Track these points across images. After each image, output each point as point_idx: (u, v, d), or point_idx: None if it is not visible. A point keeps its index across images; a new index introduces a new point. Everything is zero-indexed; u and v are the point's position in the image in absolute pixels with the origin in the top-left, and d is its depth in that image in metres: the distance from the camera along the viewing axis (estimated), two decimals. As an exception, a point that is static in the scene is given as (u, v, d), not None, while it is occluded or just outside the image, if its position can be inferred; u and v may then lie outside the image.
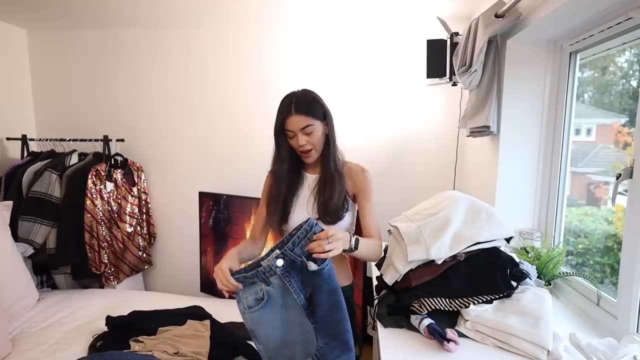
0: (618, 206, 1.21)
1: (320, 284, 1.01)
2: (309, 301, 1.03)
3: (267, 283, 1.03)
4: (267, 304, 1.03)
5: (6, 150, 2.50)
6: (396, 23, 2.33)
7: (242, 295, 1.04)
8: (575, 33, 1.37)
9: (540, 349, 0.90)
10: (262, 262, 1.04)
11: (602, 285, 1.23)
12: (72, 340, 1.71)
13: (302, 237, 1.02)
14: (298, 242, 1.02)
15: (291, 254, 1.02)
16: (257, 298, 1.03)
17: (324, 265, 1.01)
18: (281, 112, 1.21)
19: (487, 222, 1.12)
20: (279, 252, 1.02)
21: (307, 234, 1.02)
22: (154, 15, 2.33)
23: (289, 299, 1.03)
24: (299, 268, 1.02)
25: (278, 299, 1.03)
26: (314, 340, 1.03)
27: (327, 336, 1.02)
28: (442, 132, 2.38)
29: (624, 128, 1.27)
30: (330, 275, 1.02)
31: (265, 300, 1.02)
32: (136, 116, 2.63)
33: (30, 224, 2.13)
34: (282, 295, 1.03)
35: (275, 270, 1.02)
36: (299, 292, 1.03)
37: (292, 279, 1.03)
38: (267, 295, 1.02)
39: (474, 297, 1.03)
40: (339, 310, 1.03)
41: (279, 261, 1.01)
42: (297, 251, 1.02)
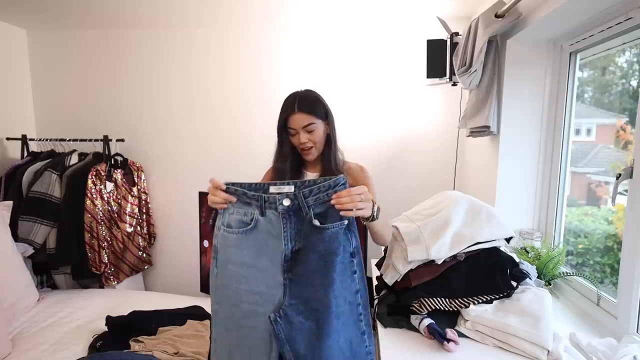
0: (618, 206, 1.21)
1: (315, 243, 0.88)
2: (292, 255, 0.90)
3: (262, 213, 0.91)
4: (250, 232, 0.91)
5: (6, 150, 2.50)
6: (396, 23, 2.33)
7: (228, 209, 0.93)
8: (575, 33, 1.37)
9: (540, 349, 0.90)
10: (270, 188, 0.92)
11: (602, 285, 1.23)
12: (72, 340, 1.71)
13: (322, 190, 0.90)
14: (316, 192, 0.90)
15: (302, 200, 0.90)
16: (243, 221, 0.92)
17: (334, 226, 0.88)
18: (284, 110, 1.23)
19: (487, 222, 1.12)
20: (291, 192, 0.90)
21: (328, 188, 0.90)
22: (154, 16, 2.33)
23: (274, 241, 0.91)
24: (301, 218, 0.90)
25: (263, 234, 0.91)
26: (279, 297, 0.88)
27: (297, 298, 0.87)
28: (442, 132, 2.38)
29: (627, 126, 1.27)
30: (334, 238, 0.88)
31: (250, 227, 0.91)
32: (136, 116, 2.63)
33: (30, 224, 2.13)
34: (269, 234, 0.91)
35: (277, 206, 0.90)
36: (289, 240, 0.90)
37: (289, 223, 0.90)
38: (255, 223, 0.91)
39: (474, 297, 1.03)
40: (327, 279, 0.86)
41: (286, 201, 0.90)
42: (309, 200, 0.90)
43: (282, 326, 0.85)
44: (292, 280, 0.88)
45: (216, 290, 0.95)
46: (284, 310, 0.86)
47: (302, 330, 0.85)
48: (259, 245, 0.91)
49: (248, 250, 0.91)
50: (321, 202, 0.90)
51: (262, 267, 0.91)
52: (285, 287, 0.89)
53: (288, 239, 0.90)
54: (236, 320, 0.92)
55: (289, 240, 0.90)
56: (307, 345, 0.85)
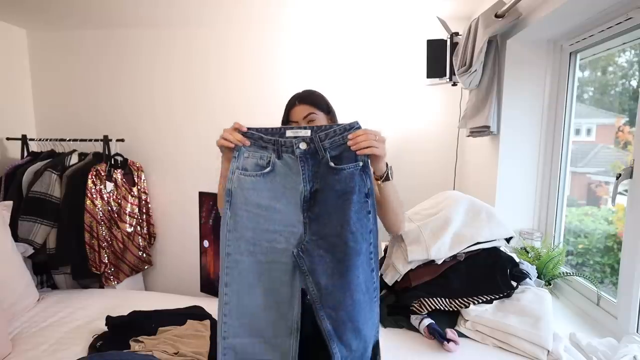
0: (618, 206, 1.21)
1: (332, 183, 0.91)
2: (311, 195, 0.93)
3: (279, 156, 0.94)
4: (267, 175, 0.93)
5: (6, 150, 2.50)
6: (396, 23, 2.33)
7: (242, 152, 0.94)
8: (575, 33, 1.37)
9: (540, 349, 0.90)
10: (287, 133, 0.93)
11: (602, 285, 1.23)
12: (72, 340, 1.71)
13: (338, 133, 0.92)
14: (331, 136, 0.92)
15: (319, 143, 0.92)
16: (259, 164, 0.94)
17: (349, 167, 0.90)
18: (287, 107, 1.26)
19: (487, 222, 1.12)
20: (308, 136, 0.93)
21: (344, 131, 0.92)
22: (154, 16, 2.33)
23: (292, 183, 0.93)
24: (318, 160, 0.93)
25: (281, 177, 0.93)
26: (301, 233, 0.92)
27: (317, 235, 0.91)
28: (442, 132, 2.38)
29: (625, 127, 1.27)
30: (350, 178, 0.90)
31: (267, 170, 0.93)
32: (137, 116, 2.63)
33: (30, 224, 2.13)
34: (287, 176, 0.93)
35: (294, 149, 0.93)
36: (307, 181, 0.93)
37: (307, 166, 0.93)
38: (272, 166, 0.93)
39: (474, 297, 1.03)
40: (344, 217, 0.89)
41: (303, 144, 0.93)
42: (325, 144, 0.92)
43: (305, 259, 0.89)
44: (312, 219, 0.92)
45: (228, 233, 0.95)
46: (305, 246, 0.90)
47: (323, 263, 0.89)
48: (277, 187, 0.93)
49: (266, 192, 0.93)
50: (337, 145, 0.92)
51: (281, 208, 0.93)
52: (305, 225, 0.92)
53: (307, 180, 0.93)
54: (256, 257, 0.93)
55: (307, 181, 0.93)
56: (329, 276, 0.89)
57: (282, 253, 0.92)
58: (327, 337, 0.88)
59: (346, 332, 0.88)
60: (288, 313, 0.92)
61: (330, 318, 0.88)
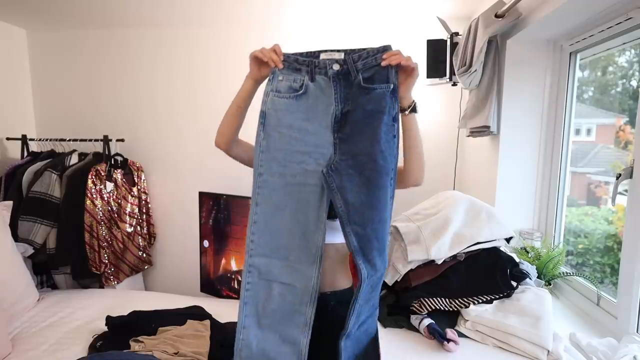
0: (618, 206, 1.21)
1: (363, 103, 0.93)
2: (342, 116, 0.95)
3: (312, 79, 0.97)
4: (300, 97, 0.96)
5: (6, 150, 2.50)
6: (396, 23, 2.33)
7: (277, 74, 0.98)
8: (575, 33, 1.37)
9: (540, 349, 0.90)
10: (320, 55, 0.98)
11: (602, 285, 1.23)
12: (72, 340, 1.71)
13: (371, 54, 0.95)
14: (364, 57, 0.95)
15: (352, 65, 0.95)
16: (292, 87, 0.97)
17: (381, 87, 0.93)
18: None
19: (487, 222, 1.12)
20: (341, 58, 0.96)
21: (377, 53, 0.94)
22: (155, 15, 2.33)
23: (323, 104, 0.96)
24: (350, 81, 0.96)
25: (314, 99, 0.96)
26: (330, 154, 0.94)
27: (347, 154, 0.93)
28: (442, 132, 2.38)
29: (626, 126, 1.27)
30: (381, 98, 0.92)
31: (300, 93, 0.96)
32: (137, 116, 2.63)
33: (30, 224, 2.13)
34: (319, 98, 0.96)
35: (327, 70, 0.96)
36: (339, 102, 0.96)
37: (339, 87, 0.96)
38: (305, 88, 0.96)
39: (474, 297, 1.03)
40: (374, 136, 0.91)
41: (336, 65, 0.96)
42: (358, 65, 0.95)
43: (334, 178, 0.91)
44: (342, 139, 0.94)
45: (261, 154, 0.97)
46: (335, 165, 0.93)
47: (352, 181, 0.91)
48: (309, 109, 0.96)
49: (298, 114, 0.95)
50: (369, 66, 0.94)
51: (312, 130, 0.95)
52: (335, 146, 0.94)
53: (338, 101, 0.95)
54: (286, 179, 0.96)
55: (339, 102, 0.95)
56: (357, 193, 0.90)
57: (311, 175, 0.94)
58: (353, 252, 0.90)
59: (372, 251, 0.90)
60: (313, 238, 0.94)
61: (357, 235, 0.89)
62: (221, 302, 2.18)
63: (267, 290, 0.95)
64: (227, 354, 1.63)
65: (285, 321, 0.95)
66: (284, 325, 0.95)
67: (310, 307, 0.94)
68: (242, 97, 1.10)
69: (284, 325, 0.95)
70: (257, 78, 1.05)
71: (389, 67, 0.92)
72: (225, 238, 2.49)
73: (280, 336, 0.95)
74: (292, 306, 0.95)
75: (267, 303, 0.95)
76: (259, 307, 0.95)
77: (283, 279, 0.95)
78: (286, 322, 0.95)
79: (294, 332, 0.94)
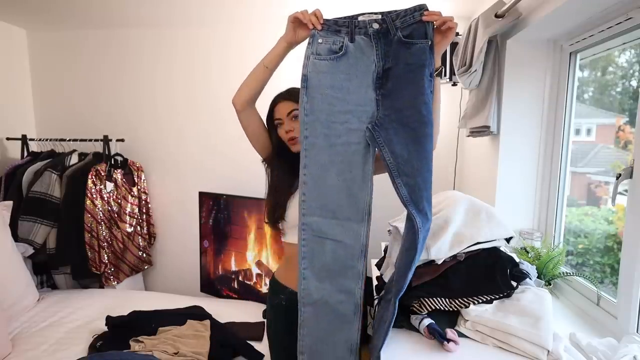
0: (618, 206, 1.21)
1: (405, 57, 0.94)
2: (384, 72, 0.97)
3: (352, 39, 0.97)
4: (340, 58, 0.97)
5: (6, 150, 2.51)
6: (396, 23, 2.33)
7: (317, 37, 0.97)
8: (575, 33, 1.37)
9: (540, 349, 0.90)
10: (359, 16, 0.97)
11: (602, 285, 1.23)
12: (72, 340, 1.71)
13: (408, 13, 0.95)
14: (403, 16, 0.95)
15: (391, 23, 0.96)
16: (332, 49, 0.97)
17: (421, 42, 0.93)
18: (271, 105, 1.30)
19: (487, 222, 1.12)
20: (380, 17, 0.96)
21: (414, 11, 0.95)
22: (156, 15, 2.33)
23: (364, 64, 0.97)
24: (390, 39, 0.96)
25: (354, 59, 0.97)
26: (373, 111, 0.96)
27: (390, 109, 0.95)
28: (442, 132, 2.37)
29: (625, 126, 1.27)
30: (422, 51, 0.92)
31: (340, 54, 0.96)
32: (137, 116, 2.63)
33: (30, 224, 2.13)
34: (359, 58, 0.97)
35: (368, 29, 0.97)
36: (380, 58, 0.97)
37: (380, 44, 0.97)
38: (345, 49, 0.96)
39: (474, 297, 1.03)
40: (417, 88, 0.92)
41: (375, 24, 0.96)
42: (397, 23, 0.95)
43: (380, 132, 0.94)
44: (385, 95, 0.96)
45: (305, 117, 0.99)
46: (379, 121, 0.95)
47: (399, 134, 0.93)
48: (350, 69, 0.97)
49: (340, 74, 0.96)
50: (407, 24, 0.95)
51: (353, 89, 0.96)
52: (378, 102, 0.96)
53: (380, 57, 0.96)
54: (330, 140, 0.97)
55: (380, 58, 0.96)
56: (404, 145, 0.92)
57: (354, 134, 0.96)
58: (405, 202, 0.91)
59: (422, 201, 0.91)
60: (359, 195, 0.98)
61: (408, 185, 0.91)
62: (221, 302, 2.19)
63: (320, 246, 1.00)
64: (227, 354, 1.64)
65: (339, 274, 1.00)
66: (338, 277, 1.00)
67: (362, 260, 1.00)
68: (271, 58, 1.09)
69: (338, 277, 1.00)
70: (292, 41, 1.04)
71: (427, 24, 0.93)
72: (225, 238, 2.49)
73: (336, 286, 1.01)
74: (344, 260, 1.00)
75: (322, 257, 1.01)
76: (315, 261, 1.01)
77: (334, 236, 1.00)
78: (340, 274, 1.00)
79: (348, 283, 1.00)
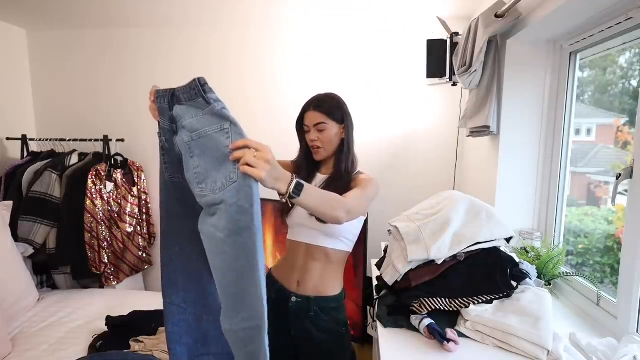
0: (618, 206, 1.21)
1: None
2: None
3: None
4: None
5: (6, 150, 2.50)
6: (396, 23, 2.33)
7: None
8: (575, 33, 1.37)
9: (540, 349, 0.90)
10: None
11: (602, 285, 1.23)
12: (72, 340, 1.71)
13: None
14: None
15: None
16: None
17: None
18: (303, 107, 1.30)
19: (487, 222, 1.12)
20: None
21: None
22: (155, 15, 2.33)
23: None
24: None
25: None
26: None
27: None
28: (442, 132, 2.38)
29: (624, 127, 1.27)
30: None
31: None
32: (137, 116, 2.63)
33: (30, 224, 2.13)
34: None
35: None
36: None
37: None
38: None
39: (474, 297, 1.03)
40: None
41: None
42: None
43: None
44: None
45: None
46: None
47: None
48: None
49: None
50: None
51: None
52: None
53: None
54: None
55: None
56: None
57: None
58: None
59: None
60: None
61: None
62: (221, 302, 2.17)
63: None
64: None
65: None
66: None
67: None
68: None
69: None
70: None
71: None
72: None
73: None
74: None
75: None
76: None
77: None
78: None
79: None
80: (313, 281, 1.26)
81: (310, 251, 1.27)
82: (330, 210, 0.98)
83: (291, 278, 1.29)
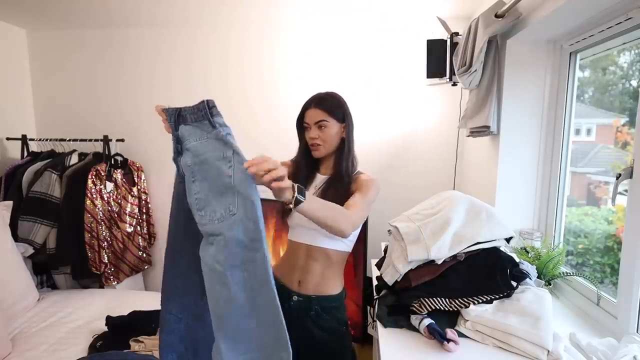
0: (618, 206, 1.21)
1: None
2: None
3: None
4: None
5: (6, 150, 2.50)
6: (396, 23, 2.33)
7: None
8: (575, 33, 1.37)
9: (540, 349, 0.90)
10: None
11: (602, 285, 1.23)
12: (72, 340, 1.71)
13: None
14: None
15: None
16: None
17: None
18: (304, 105, 1.29)
19: (487, 222, 1.12)
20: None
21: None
22: (155, 15, 2.33)
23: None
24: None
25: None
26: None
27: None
28: (442, 132, 2.38)
29: (624, 127, 1.27)
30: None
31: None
32: (137, 116, 2.63)
33: (30, 224, 2.13)
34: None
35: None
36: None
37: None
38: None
39: (474, 297, 1.03)
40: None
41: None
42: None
43: None
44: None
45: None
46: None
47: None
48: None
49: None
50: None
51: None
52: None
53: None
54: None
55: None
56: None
57: None
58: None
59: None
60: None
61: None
62: (221, 302, 2.17)
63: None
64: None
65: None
66: None
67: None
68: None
69: None
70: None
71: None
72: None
73: None
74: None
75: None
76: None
77: None
78: None
79: None
80: (314, 281, 1.27)
81: (310, 252, 1.27)
82: (336, 224, 1.01)
83: (292, 277, 1.29)
